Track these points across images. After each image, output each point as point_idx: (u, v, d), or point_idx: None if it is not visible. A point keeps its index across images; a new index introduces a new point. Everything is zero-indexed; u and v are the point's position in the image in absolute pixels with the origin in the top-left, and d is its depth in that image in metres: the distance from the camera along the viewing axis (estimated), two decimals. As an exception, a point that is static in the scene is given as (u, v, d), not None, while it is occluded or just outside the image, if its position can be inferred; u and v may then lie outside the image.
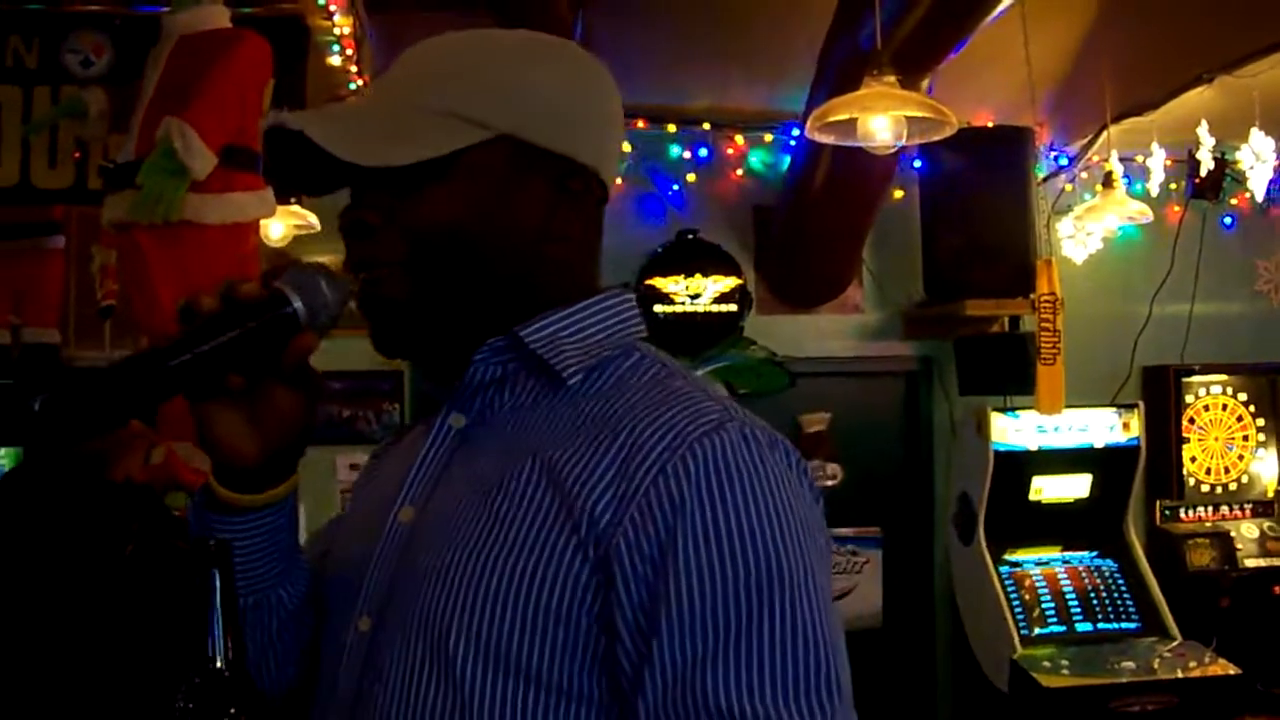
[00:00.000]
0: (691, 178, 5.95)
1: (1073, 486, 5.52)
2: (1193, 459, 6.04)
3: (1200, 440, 6.06)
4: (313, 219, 4.93)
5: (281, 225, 4.91)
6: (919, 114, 3.79)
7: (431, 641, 1.21)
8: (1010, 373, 5.46)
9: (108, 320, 5.24)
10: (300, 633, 1.43)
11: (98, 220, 4.03)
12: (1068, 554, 5.48)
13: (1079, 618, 5.24)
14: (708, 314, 5.70)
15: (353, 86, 4.77)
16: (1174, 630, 5.20)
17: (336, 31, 4.33)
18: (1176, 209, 6.27)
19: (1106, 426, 5.52)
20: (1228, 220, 6.39)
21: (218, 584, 1.18)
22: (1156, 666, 4.89)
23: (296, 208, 4.68)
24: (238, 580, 1.24)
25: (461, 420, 1.35)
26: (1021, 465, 5.43)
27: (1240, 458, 6.10)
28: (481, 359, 1.32)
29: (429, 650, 1.21)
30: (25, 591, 3.77)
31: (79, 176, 4.27)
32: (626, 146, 5.77)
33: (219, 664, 1.16)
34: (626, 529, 1.16)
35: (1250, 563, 5.83)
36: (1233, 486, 6.09)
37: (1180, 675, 4.83)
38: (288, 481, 1.34)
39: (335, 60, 4.47)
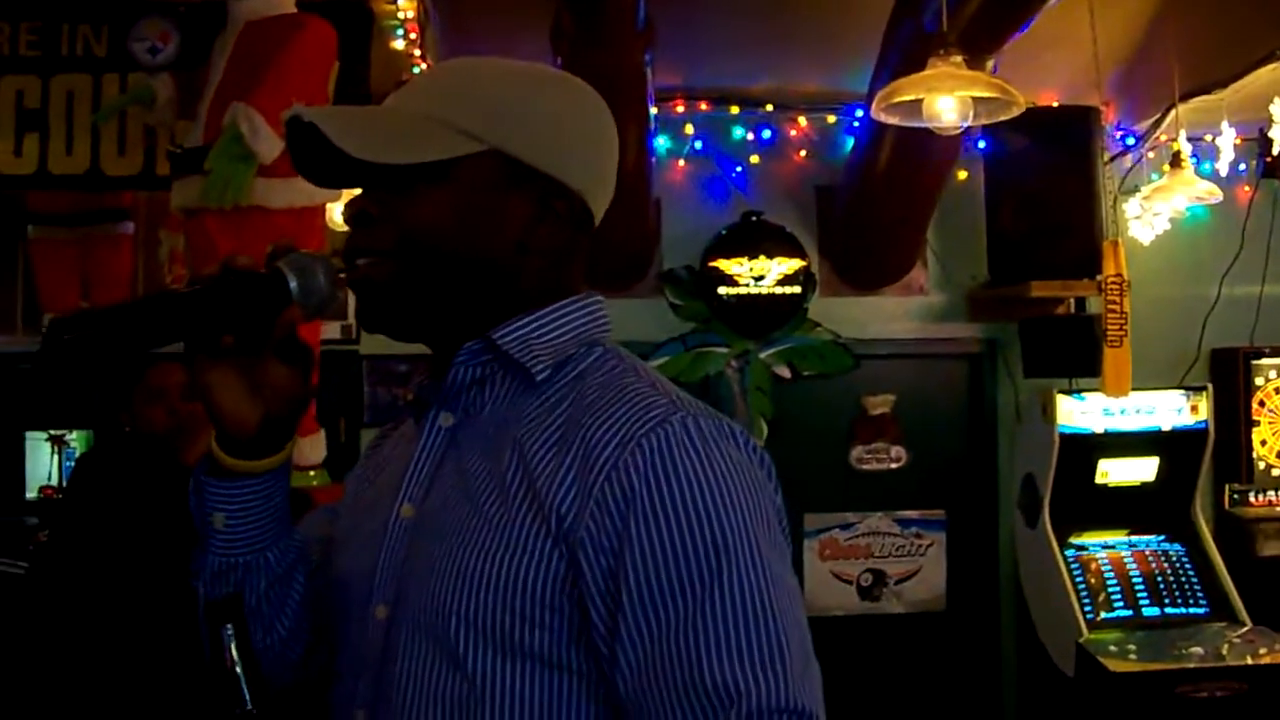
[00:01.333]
0: (755, 159, 5.94)
1: (1139, 470, 5.47)
2: (1262, 442, 5.97)
3: (1270, 423, 5.99)
4: (377, 203, 4.95)
5: (346, 209, 4.94)
6: (986, 94, 3.76)
7: (436, 630, 1.33)
8: (1076, 355, 5.41)
9: (176, 305, 5.30)
10: (286, 593, 1.56)
11: (166, 206, 4.09)
12: (1134, 538, 5.43)
13: (1146, 602, 5.20)
14: (772, 295, 5.69)
15: (416, 70, 4.80)
16: (1243, 616, 5.14)
17: (400, 15, 4.36)
18: (1246, 189, 6.19)
19: (1174, 409, 5.46)
20: (1299, 200, 6.30)
21: (232, 635, 1.43)
22: (1225, 652, 4.84)
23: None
24: (235, 542, 1.49)
25: (450, 419, 1.47)
26: (1087, 448, 5.39)
27: (1311, 441, 6.02)
28: (461, 361, 1.43)
29: (434, 638, 1.33)
30: (100, 574, 3.83)
31: (147, 163, 4.33)
32: (689, 129, 5.79)
33: (248, 704, 1.41)
34: (588, 524, 1.28)
35: (1322, 548, 5.77)
36: (1303, 471, 6.01)
37: (1250, 662, 4.78)
38: (284, 450, 1.49)
39: (399, 44, 4.49)
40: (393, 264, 1.41)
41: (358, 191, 1.48)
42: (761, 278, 5.66)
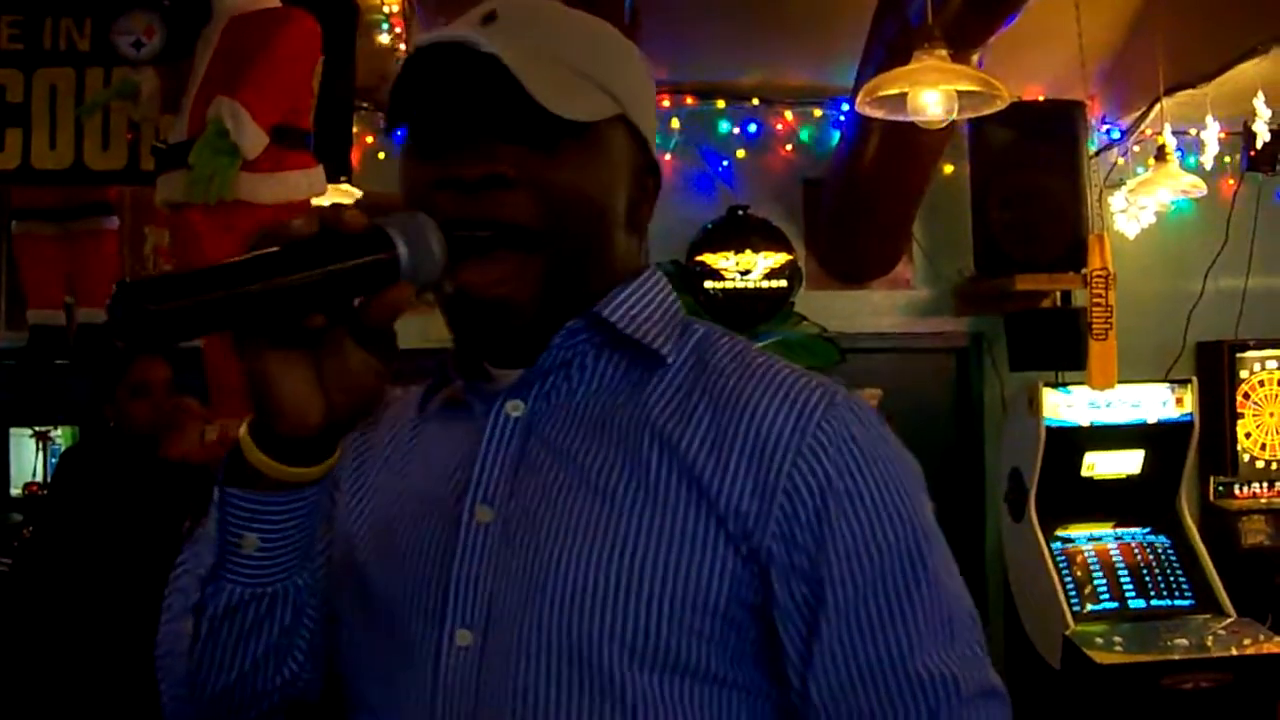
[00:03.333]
0: (741, 153, 5.94)
1: (1125, 462, 5.48)
2: (1247, 435, 5.98)
3: (1255, 416, 6.00)
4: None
5: (331, 204, 4.92)
6: (970, 88, 3.77)
7: (576, 651, 1.15)
8: (1062, 348, 5.42)
9: (161, 299, 5.29)
10: (301, 620, 1.25)
11: (150, 201, 4.08)
12: (1120, 530, 5.44)
13: (1132, 594, 5.21)
14: (758, 290, 5.68)
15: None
16: (1228, 607, 5.15)
17: (385, 10, 4.35)
18: (1231, 182, 6.20)
19: (1159, 402, 5.47)
20: (1284, 193, 6.32)
21: None
22: (1210, 644, 4.86)
23: (347, 186, 4.70)
24: (268, 568, 1.18)
25: (520, 407, 1.26)
26: (1073, 441, 5.39)
27: (1295, 433, 6.04)
28: (560, 342, 1.24)
29: (575, 660, 1.15)
30: (84, 570, 3.82)
31: (132, 157, 4.31)
32: (675, 124, 5.79)
33: None
34: (777, 519, 1.17)
35: (1306, 539, 5.78)
36: (1288, 463, 6.03)
37: (1234, 653, 4.80)
38: (337, 453, 1.17)
39: (384, 39, 4.49)
40: (525, 265, 1.20)
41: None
42: (748, 272, 5.65)
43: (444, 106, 1.20)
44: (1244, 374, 6.01)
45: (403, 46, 4.58)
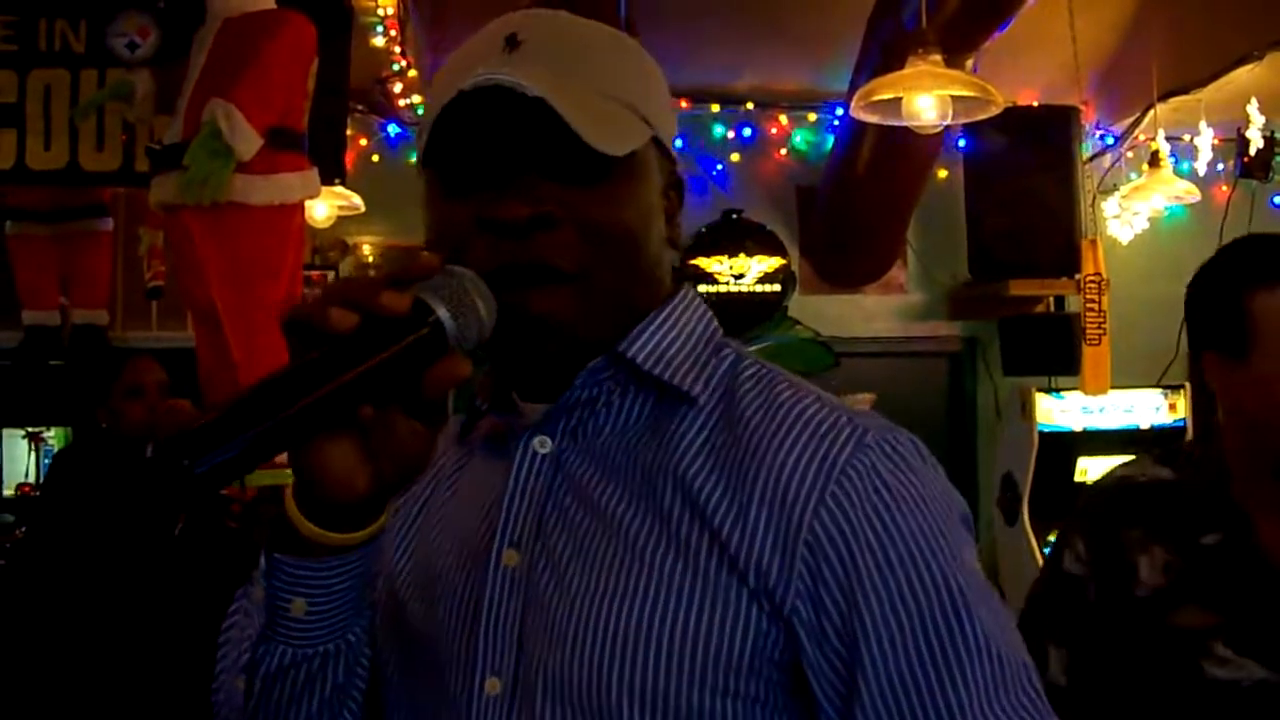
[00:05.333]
0: (736, 157, 5.94)
1: (1118, 468, 5.49)
2: (1240, 440, 5.98)
3: (1248, 422, 6.00)
4: (357, 200, 4.94)
5: (325, 206, 4.92)
6: (964, 93, 3.78)
7: (595, 705, 1.10)
8: (1055, 353, 5.43)
9: (155, 301, 5.30)
10: (354, 673, 1.21)
11: (145, 202, 4.08)
12: (1113, 535, 5.44)
13: (1124, 599, 5.21)
14: (752, 294, 5.69)
15: (396, 67, 4.78)
16: (1220, 613, 5.16)
17: (380, 12, 4.35)
18: (1224, 188, 6.21)
19: (1153, 407, 5.48)
20: (1278, 199, 6.32)
21: None
22: (1201, 648, 4.86)
23: (340, 189, 4.70)
24: (317, 630, 1.14)
25: (547, 444, 1.20)
26: (1066, 446, 5.40)
27: (1288, 439, 6.03)
28: (582, 381, 1.17)
29: (593, 715, 1.10)
30: (77, 570, 3.82)
31: (126, 159, 4.31)
32: (669, 127, 5.79)
33: None
34: (801, 575, 1.08)
35: (1298, 545, 5.78)
36: (1281, 469, 6.03)
37: (1226, 657, 4.80)
38: (384, 516, 1.12)
39: (379, 41, 4.49)
40: (573, 292, 1.14)
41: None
42: (742, 276, 5.66)
43: (482, 145, 1.14)
44: (1237, 380, 6.01)
45: (397, 49, 4.58)
